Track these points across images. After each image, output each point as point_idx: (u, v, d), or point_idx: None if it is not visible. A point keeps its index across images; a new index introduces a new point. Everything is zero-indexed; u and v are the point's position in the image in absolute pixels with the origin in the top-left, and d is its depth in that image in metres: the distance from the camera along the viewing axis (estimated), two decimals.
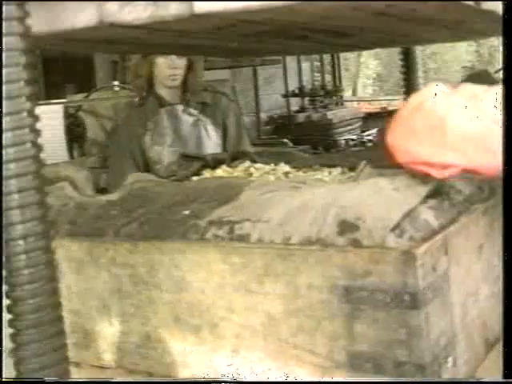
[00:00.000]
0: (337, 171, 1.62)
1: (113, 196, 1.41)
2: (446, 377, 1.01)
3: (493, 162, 0.96)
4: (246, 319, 1.11)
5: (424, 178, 1.14)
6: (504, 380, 0.86)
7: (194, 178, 1.68)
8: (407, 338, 0.97)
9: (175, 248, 1.17)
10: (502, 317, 0.90)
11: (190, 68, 2.83)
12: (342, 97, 7.61)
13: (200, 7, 1.05)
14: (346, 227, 1.07)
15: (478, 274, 1.19)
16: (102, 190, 1.63)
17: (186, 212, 1.25)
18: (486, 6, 1.21)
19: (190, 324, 1.17)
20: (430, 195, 1.15)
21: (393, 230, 1.04)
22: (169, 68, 2.78)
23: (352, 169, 1.53)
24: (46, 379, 0.87)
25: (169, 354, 1.20)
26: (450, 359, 1.04)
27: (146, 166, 2.71)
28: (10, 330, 0.87)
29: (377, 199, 1.13)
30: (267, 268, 1.08)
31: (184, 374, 1.18)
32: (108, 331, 1.24)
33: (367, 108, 7.78)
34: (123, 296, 1.23)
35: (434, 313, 1.00)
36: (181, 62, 2.77)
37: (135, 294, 1.21)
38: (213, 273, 1.13)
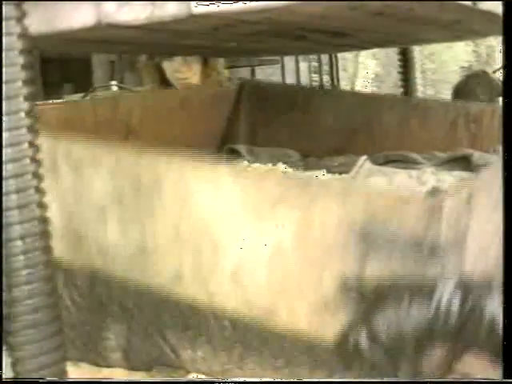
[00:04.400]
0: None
1: None
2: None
3: None
4: (251, 246, 1.06)
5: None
6: (504, 380, 0.86)
7: None
8: (423, 283, 0.92)
9: (185, 165, 1.11)
10: (502, 316, 0.89)
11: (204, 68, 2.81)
12: None
13: (198, 8, 1.05)
14: None
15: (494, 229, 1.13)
16: None
17: None
18: (483, 6, 1.21)
19: (190, 242, 1.11)
20: None
21: None
22: (174, 72, 2.77)
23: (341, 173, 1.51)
24: (46, 379, 0.87)
25: (163, 270, 1.14)
26: None
27: None
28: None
29: None
30: (282, 195, 1.03)
31: (178, 290, 1.12)
32: (102, 235, 1.17)
33: None
34: (123, 201, 1.16)
35: (451, 261, 0.93)
36: (186, 66, 2.76)
37: (136, 200, 1.14)
38: (223, 194, 1.07)
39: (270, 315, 1.06)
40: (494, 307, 0.86)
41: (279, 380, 1.10)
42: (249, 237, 1.06)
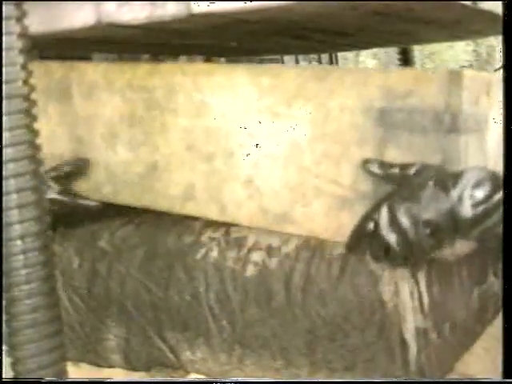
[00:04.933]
0: None
1: None
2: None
3: None
4: (267, 146, 1.05)
5: None
6: (504, 380, 0.86)
7: None
8: (441, 163, 0.92)
9: (200, 69, 1.10)
10: (502, 316, 0.89)
11: None
12: None
13: (198, 7, 1.05)
14: None
15: None
16: None
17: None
18: (483, 5, 1.21)
19: (203, 152, 1.11)
20: None
21: None
22: None
23: None
24: (46, 379, 0.87)
25: (175, 186, 1.14)
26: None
27: None
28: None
29: None
30: (299, 89, 1.01)
31: (188, 207, 1.11)
32: (112, 160, 1.17)
33: None
34: (134, 122, 1.16)
35: (472, 145, 0.93)
36: None
37: (148, 119, 1.15)
38: (238, 95, 1.06)
39: (286, 218, 1.05)
40: None
41: (279, 380, 1.10)
42: (264, 138, 1.05)
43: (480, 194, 0.87)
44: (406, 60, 2.46)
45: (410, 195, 0.90)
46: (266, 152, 1.06)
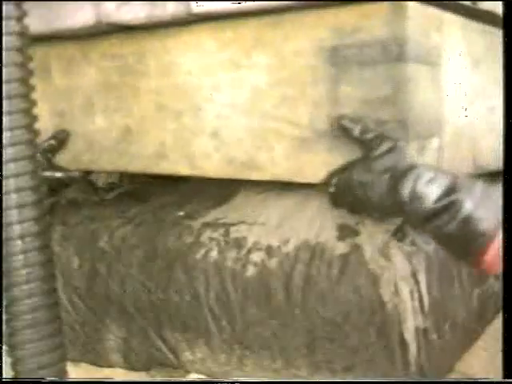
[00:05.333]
0: None
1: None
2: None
3: None
4: (230, 97, 1.08)
5: None
6: (504, 380, 0.86)
7: None
8: (392, 94, 0.95)
9: (168, 32, 1.14)
10: (502, 317, 0.89)
11: None
12: None
13: (197, 7, 1.05)
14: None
15: (473, 88, 1.14)
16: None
17: (181, 213, 1.25)
18: (482, 5, 1.21)
19: (172, 110, 1.15)
20: None
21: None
22: None
23: None
24: (47, 379, 0.87)
25: (148, 146, 1.18)
26: (435, 140, 1.01)
27: None
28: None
29: None
30: (256, 39, 1.05)
31: (161, 166, 1.17)
32: (89, 129, 1.21)
33: None
34: (109, 90, 1.21)
35: (424, 76, 0.98)
36: None
37: (121, 86, 1.19)
38: (202, 52, 1.11)
39: (251, 165, 1.08)
40: (472, 204, 0.87)
41: (279, 380, 1.10)
42: (227, 89, 1.09)
43: (432, 193, 0.89)
44: None
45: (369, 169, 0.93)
46: (230, 103, 1.09)
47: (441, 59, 1.02)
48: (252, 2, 1.00)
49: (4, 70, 0.85)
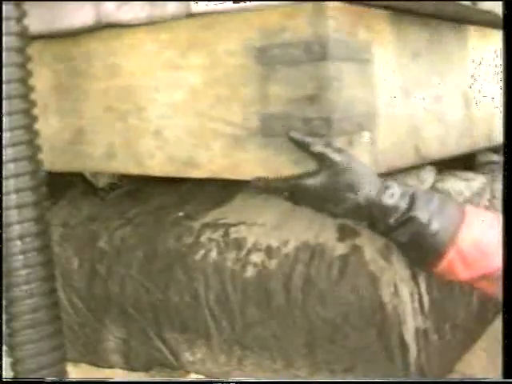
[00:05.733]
0: None
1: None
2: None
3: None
4: (170, 97, 1.12)
5: None
6: (504, 380, 0.86)
7: None
8: (317, 92, 0.97)
9: (111, 34, 1.17)
10: (502, 317, 0.89)
11: None
12: None
13: (197, 7, 1.05)
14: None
15: (414, 80, 1.18)
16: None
17: (181, 214, 1.25)
18: (482, 6, 1.21)
19: (118, 111, 1.18)
20: None
21: None
22: None
23: None
24: (47, 379, 0.87)
25: (98, 146, 1.21)
26: (365, 134, 1.04)
27: None
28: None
29: None
30: (191, 40, 1.09)
31: (111, 165, 1.21)
32: (45, 131, 1.17)
33: None
34: (61, 92, 1.23)
35: (350, 73, 1.01)
36: None
37: (72, 87, 1.22)
38: (142, 54, 1.14)
39: (190, 164, 1.11)
40: (427, 220, 0.91)
41: (279, 380, 1.10)
42: (167, 90, 1.12)
43: (394, 207, 0.94)
44: None
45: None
46: (170, 103, 1.12)
47: (371, 55, 1.05)
48: (252, 3, 1.00)
49: (4, 71, 0.85)
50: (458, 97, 1.32)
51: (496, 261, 0.89)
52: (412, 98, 1.16)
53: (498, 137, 1.48)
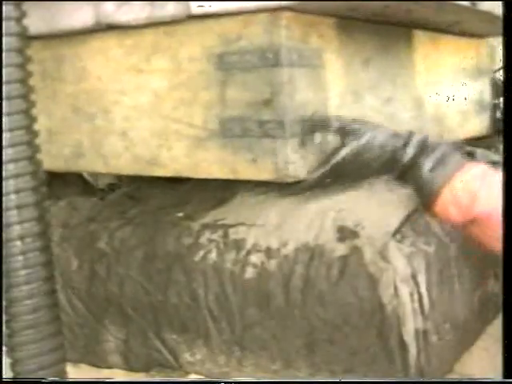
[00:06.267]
0: None
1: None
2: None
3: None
4: (135, 100, 1.17)
5: None
6: (504, 380, 0.86)
7: None
8: (271, 96, 1.04)
9: (79, 39, 1.22)
10: (502, 317, 0.89)
11: None
12: None
13: (197, 8, 1.05)
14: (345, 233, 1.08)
15: (365, 84, 1.25)
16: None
17: (180, 214, 1.25)
18: (482, 6, 1.21)
19: (86, 113, 1.24)
20: None
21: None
22: None
23: None
24: (47, 379, 0.87)
25: (67, 146, 1.27)
26: (317, 135, 1.08)
27: None
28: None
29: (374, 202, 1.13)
30: (155, 46, 1.14)
31: (79, 165, 1.27)
32: None
33: None
34: (34, 93, 1.27)
35: (302, 78, 1.06)
36: None
37: (44, 89, 1.25)
38: (109, 58, 1.20)
39: (155, 163, 1.18)
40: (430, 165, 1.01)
41: (279, 380, 1.10)
42: (132, 93, 1.18)
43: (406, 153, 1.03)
44: None
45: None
46: (135, 106, 1.18)
47: (322, 61, 1.11)
48: (252, 3, 1.00)
49: (4, 71, 0.85)
50: (408, 98, 1.38)
51: (485, 206, 0.98)
52: (363, 100, 1.22)
53: (449, 135, 1.57)
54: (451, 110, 1.60)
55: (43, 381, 0.87)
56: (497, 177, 1.01)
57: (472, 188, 1.00)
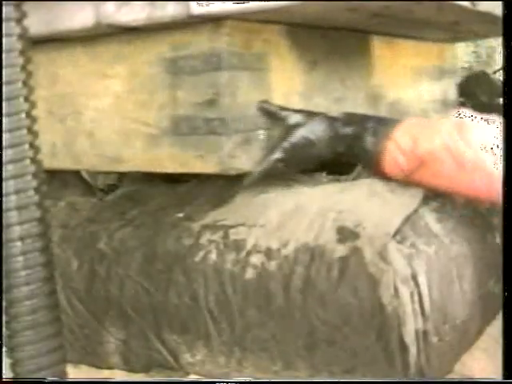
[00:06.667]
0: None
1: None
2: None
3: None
4: (100, 103, 1.28)
5: None
6: (504, 380, 0.86)
7: None
8: (215, 97, 1.15)
9: (52, 46, 1.30)
10: (502, 317, 0.89)
11: None
12: None
13: (197, 8, 1.05)
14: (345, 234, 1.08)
15: (312, 85, 1.34)
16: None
17: (180, 215, 1.25)
18: (482, 7, 1.21)
19: (58, 115, 1.34)
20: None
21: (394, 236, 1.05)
22: None
23: None
24: (47, 379, 0.87)
25: (43, 147, 1.29)
26: (261, 132, 1.20)
27: None
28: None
29: (374, 203, 1.13)
30: (117, 53, 1.26)
31: (53, 163, 1.35)
32: None
33: None
34: None
35: (240, 79, 1.17)
36: None
37: None
38: (77, 64, 1.31)
39: (118, 160, 1.29)
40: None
41: (279, 380, 1.10)
42: (98, 96, 1.28)
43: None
44: None
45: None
46: (100, 108, 1.28)
47: (266, 65, 1.22)
48: (252, 3, 1.00)
49: (4, 72, 0.85)
50: (361, 98, 1.48)
51: (428, 145, 1.06)
52: (311, 100, 1.32)
53: None
54: (411, 109, 1.69)
55: (43, 381, 0.87)
56: (432, 121, 1.14)
57: (413, 132, 1.08)
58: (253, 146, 1.19)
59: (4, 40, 0.84)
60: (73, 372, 1.02)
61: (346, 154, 1.14)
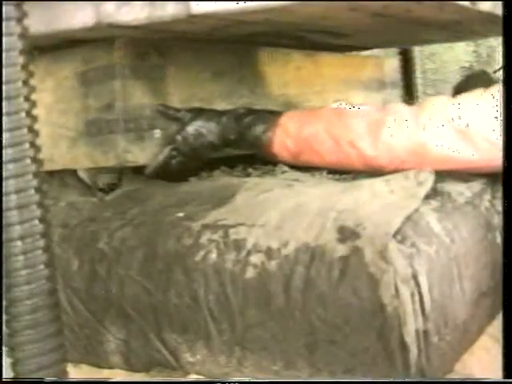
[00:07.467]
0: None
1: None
2: None
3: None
4: (38, 112, 1.36)
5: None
6: (504, 380, 0.86)
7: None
8: (111, 101, 1.38)
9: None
10: (502, 317, 0.90)
11: None
12: None
13: (197, 8, 1.05)
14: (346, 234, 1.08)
15: (215, 93, 1.54)
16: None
17: (180, 214, 1.25)
18: (482, 6, 1.21)
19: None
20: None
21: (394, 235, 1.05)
22: None
23: None
24: (47, 379, 0.87)
25: None
26: (156, 131, 1.43)
27: None
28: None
29: (375, 202, 1.13)
30: (47, 69, 1.46)
31: None
32: None
33: None
34: None
35: (133, 87, 1.40)
36: None
37: None
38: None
39: (50, 159, 1.45)
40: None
41: (279, 380, 1.10)
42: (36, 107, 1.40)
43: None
44: (406, 61, 2.46)
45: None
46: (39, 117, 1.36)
47: (163, 74, 1.44)
48: (253, 3, 1.00)
49: (4, 71, 0.85)
50: (271, 105, 1.62)
51: (311, 127, 1.23)
52: (216, 106, 1.50)
53: None
54: None
55: (43, 381, 0.86)
56: (315, 110, 1.30)
57: (298, 119, 1.25)
58: (147, 142, 1.40)
59: (4, 39, 0.84)
60: (73, 371, 1.02)
61: (239, 141, 1.31)
